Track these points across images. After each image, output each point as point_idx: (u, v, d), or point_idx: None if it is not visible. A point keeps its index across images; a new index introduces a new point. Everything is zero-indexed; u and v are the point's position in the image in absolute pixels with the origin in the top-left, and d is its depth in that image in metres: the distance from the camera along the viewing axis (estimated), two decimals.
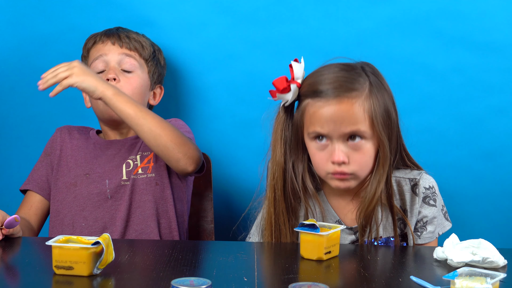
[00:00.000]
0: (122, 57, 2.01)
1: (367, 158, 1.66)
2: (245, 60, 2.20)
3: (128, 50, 2.03)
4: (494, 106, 2.17)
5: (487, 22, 2.14)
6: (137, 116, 1.82)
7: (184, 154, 1.85)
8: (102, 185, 1.94)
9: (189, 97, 2.23)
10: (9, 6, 2.21)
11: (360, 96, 1.65)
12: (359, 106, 1.64)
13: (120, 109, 1.82)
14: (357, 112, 1.63)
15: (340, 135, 1.64)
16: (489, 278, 1.27)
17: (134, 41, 2.04)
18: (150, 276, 1.39)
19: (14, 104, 2.25)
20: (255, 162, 2.22)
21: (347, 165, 1.65)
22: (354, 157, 1.65)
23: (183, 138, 1.86)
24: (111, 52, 2.01)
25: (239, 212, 2.27)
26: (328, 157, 1.66)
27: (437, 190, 1.76)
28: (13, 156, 2.28)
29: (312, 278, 1.42)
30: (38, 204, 1.99)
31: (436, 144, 2.19)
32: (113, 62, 2.00)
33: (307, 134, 1.69)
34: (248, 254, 1.56)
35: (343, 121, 1.63)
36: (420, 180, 1.74)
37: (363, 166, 1.66)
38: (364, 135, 1.64)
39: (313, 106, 1.66)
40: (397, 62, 2.16)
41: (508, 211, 2.22)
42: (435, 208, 1.73)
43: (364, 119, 1.64)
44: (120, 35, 2.04)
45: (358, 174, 1.67)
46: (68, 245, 1.37)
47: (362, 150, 1.65)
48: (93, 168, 1.96)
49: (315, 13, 2.17)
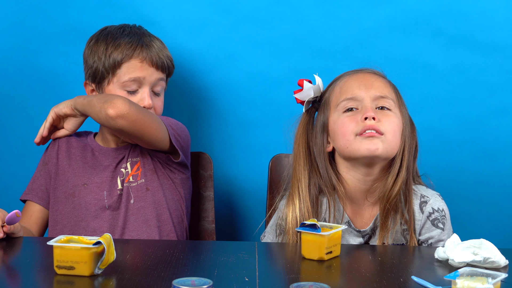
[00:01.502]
0: (156, 81, 1.97)
1: (395, 126, 1.72)
2: (246, 60, 2.20)
3: (162, 73, 1.98)
4: (495, 106, 2.17)
5: (488, 22, 2.14)
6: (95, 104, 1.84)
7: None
8: (100, 195, 1.93)
9: (189, 97, 2.23)
10: (10, 6, 2.21)
11: (383, 77, 1.80)
12: (386, 82, 1.78)
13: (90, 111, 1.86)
14: (385, 83, 1.77)
15: (370, 98, 1.72)
16: (491, 278, 1.27)
17: (168, 59, 1.99)
18: (151, 276, 1.39)
19: (15, 104, 2.25)
20: (256, 162, 2.23)
21: (378, 123, 1.70)
22: (383, 119, 1.72)
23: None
24: (149, 74, 1.95)
25: (240, 212, 2.28)
26: (358, 120, 1.71)
27: (448, 215, 1.76)
28: (14, 156, 2.27)
29: (313, 278, 1.42)
30: (37, 214, 1.99)
31: (437, 144, 2.19)
32: (147, 86, 1.95)
33: (337, 107, 1.75)
34: (249, 254, 1.56)
35: (372, 86, 1.74)
36: (431, 199, 1.76)
37: (391, 130, 1.71)
38: (390, 106, 1.73)
39: (343, 79, 1.79)
40: (398, 62, 2.16)
41: (509, 211, 2.22)
42: (442, 232, 1.74)
43: (390, 92, 1.75)
44: (159, 54, 1.97)
45: (388, 137, 1.70)
46: (70, 245, 1.37)
47: (390, 117, 1.73)
48: (90, 178, 1.95)
49: (316, 13, 2.17)
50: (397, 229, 1.74)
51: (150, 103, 1.94)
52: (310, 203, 1.75)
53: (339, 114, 1.74)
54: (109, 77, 1.94)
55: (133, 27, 2.02)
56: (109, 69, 1.93)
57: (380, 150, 1.69)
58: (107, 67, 1.93)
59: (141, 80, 1.94)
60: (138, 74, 1.93)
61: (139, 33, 1.99)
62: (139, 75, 1.93)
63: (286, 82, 2.18)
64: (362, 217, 1.78)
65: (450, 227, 1.77)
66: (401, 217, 1.73)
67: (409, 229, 1.73)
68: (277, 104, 2.20)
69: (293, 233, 1.75)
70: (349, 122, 1.72)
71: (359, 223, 1.78)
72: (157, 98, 1.98)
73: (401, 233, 1.74)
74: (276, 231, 1.82)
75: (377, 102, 1.73)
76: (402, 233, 1.74)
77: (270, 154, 2.11)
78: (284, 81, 2.19)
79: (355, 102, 1.73)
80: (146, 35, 1.99)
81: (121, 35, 1.96)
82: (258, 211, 2.22)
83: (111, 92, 1.94)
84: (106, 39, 1.96)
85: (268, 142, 2.22)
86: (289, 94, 2.19)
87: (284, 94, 2.18)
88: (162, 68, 1.97)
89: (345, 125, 1.72)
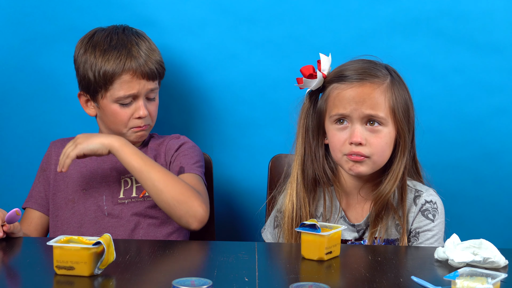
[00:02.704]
0: (149, 91, 1.95)
1: (383, 144, 1.72)
2: (246, 60, 2.20)
3: (154, 82, 1.97)
4: (495, 106, 2.17)
5: (488, 22, 2.14)
6: (141, 170, 1.81)
7: (186, 212, 1.80)
8: (99, 200, 1.93)
9: (189, 97, 2.23)
10: (10, 6, 2.20)
11: (381, 83, 1.74)
12: (380, 92, 1.73)
13: (126, 161, 1.82)
14: (377, 97, 1.72)
15: (360, 116, 1.71)
16: (490, 278, 1.27)
17: (157, 65, 1.97)
18: (151, 276, 1.39)
19: (15, 104, 2.25)
20: (256, 162, 2.23)
21: (364, 147, 1.71)
22: (371, 140, 1.71)
23: (187, 194, 1.81)
24: (141, 87, 1.93)
25: (239, 211, 2.28)
26: (346, 138, 1.72)
27: (440, 209, 1.77)
28: (14, 156, 2.27)
29: (313, 278, 1.42)
30: (37, 220, 1.99)
31: (437, 144, 2.19)
32: (141, 97, 1.94)
33: (329, 117, 1.76)
34: (249, 254, 1.56)
35: (364, 102, 1.71)
36: (424, 193, 1.77)
37: (379, 151, 1.71)
38: (382, 121, 1.71)
39: (337, 89, 1.75)
40: (397, 62, 2.14)
41: (509, 211, 2.22)
42: (431, 223, 1.74)
43: (384, 106, 1.72)
44: (148, 63, 1.94)
45: (374, 158, 1.71)
46: (69, 245, 1.37)
47: (379, 134, 1.71)
48: (90, 183, 1.95)
49: (315, 13, 2.17)
50: (390, 224, 1.75)
51: (145, 113, 1.94)
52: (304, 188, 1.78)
53: (331, 123, 1.75)
54: (102, 92, 1.93)
55: (120, 33, 1.97)
56: (101, 84, 1.92)
57: (364, 171, 1.73)
58: (98, 82, 1.92)
59: (135, 94, 1.93)
60: (132, 90, 1.92)
61: (125, 41, 1.95)
62: (133, 91, 1.92)
63: (286, 82, 2.18)
64: (357, 210, 1.80)
65: (441, 221, 1.76)
66: (394, 212, 1.74)
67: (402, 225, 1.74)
68: (277, 104, 2.20)
69: (288, 217, 1.78)
70: (338, 139, 1.74)
71: (353, 217, 1.79)
72: (151, 103, 1.98)
73: (395, 228, 1.75)
74: (274, 223, 1.84)
75: (368, 118, 1.72)
76: (396, 228, 1.75)
77: (270, 154, 2.11)
78: (284, 81, 2.19)
79: (346, 117, 1.74)
80: (133, 43, 1.95)
81: (108, 47, 1.93)
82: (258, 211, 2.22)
83: (106, 106, 1.93)
84: (95, 51, 1.94)
85: (268, 142, 2.22)
86: (289, 94, 2.19)
87: (284, 94, 2.18)
88: (153, 77, 1.95)
89: (334, 141, 1.75)
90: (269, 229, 1.86)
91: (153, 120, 2.00)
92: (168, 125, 2.23)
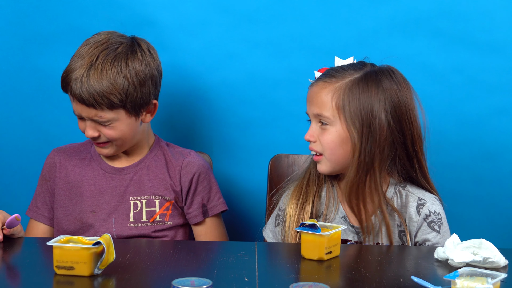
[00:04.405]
0: (93, 116, 1.81)
1: (331, 142, 1.73)
2: (246, 60, 2.20)
3: (95, 109, 1.80)
4: (495, 106, 2.17)
5: (487, 22, 2.14)
6: None
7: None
8: (108, 223, 1.89)
9: (189, 97, 2.23)
10: (10, 6, 2.21)
11: (333, 84, 1.73)
12: (327, 92, 1.72)
13: None
14: (323, 97, 1.73)
15: (312, 115, 1.75)
16: (490, 278, 1.27)
17: (100, 96, 1.78)
18: (151, 276, 1.39)
19: (15, 104, 2.25)
20: (256, 162, 2.23)
21: (316, 144, 1.75)
22: (321, 138, 1.74)
23: None
24: (82, 110, 1.82)
25: (240, 212, 2.28)
26: None
27: (444, 220, 1.76)
28: (14, 156, 2.27)
29: (313, 278, 1.42)
30: (42, 232, 1.96)
31: (436, 144, 2.18)
32: (87, 119, 1.83)
33: None
34: (249, 254, 1.56)
35: (312, 101, 1.75)
36: (428, 202, 1.76)
37: (328, 148, 1.73)
38: (327, 120, 1.72)
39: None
40: (397, 62, 2.14)
41: (509, 211, 2.22)
42: (438, 235, 1.74)
43: (330, 106, 1.72)
44: (88, 90, 1.78)
45: (326, 155, 1.74)
46: (69, 245, 1.37)
47: (327, 133, 1.73)
48: (99, 205, 1.90)
49: (315, 13, 2.17)
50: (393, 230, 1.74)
51: (92, 135, 1.83)
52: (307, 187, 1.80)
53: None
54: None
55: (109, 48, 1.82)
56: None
57: (323, 169, 1.76)
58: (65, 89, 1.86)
59: (79, 115, 1.85)
60: (74, 108, 1.84)
61: (90, 57, 1.80)
62: (75, 110, 1.84)
63: (286, 82, 2.18)
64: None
65: (446, 230, 1.77)
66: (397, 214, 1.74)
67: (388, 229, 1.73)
68: (277, 104, 2.20)
69: (290, 216, 1.78)
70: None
71: (354, 219, 1.77)
72: (106, 127, 1.83)
73: (398, 234, 1.75)
74: (275, 222, 1.83)
75: (318, 117, 1.74)
76: (399, 235, 1.75)
77: (270, 154, 2.11)
78: (284, 81, 2.19)
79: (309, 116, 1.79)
80: (93, 63, 1.79)
81: (76, 60, 1.82)
82: (258, 211, 2.22)
83: None
84: (73, 57, 1.85)
85: (268, 142, 2.22)
86: (289, 94, 2.19)
87: (284, 94, 2.19)
88: (92, 105, 1.79)
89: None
90: (270, 227, 1.86)
91: (118, 139, 1.85)
92: (168, 125, 2.24)
